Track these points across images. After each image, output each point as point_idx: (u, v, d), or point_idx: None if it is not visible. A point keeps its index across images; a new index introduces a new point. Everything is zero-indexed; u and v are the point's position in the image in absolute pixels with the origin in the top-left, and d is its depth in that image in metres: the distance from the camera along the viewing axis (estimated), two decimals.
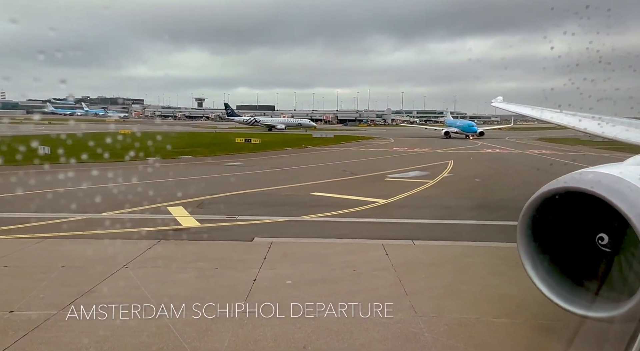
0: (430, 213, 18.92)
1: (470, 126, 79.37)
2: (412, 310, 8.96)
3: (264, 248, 13.16)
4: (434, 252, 13.30)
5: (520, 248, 7.20)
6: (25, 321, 8.25)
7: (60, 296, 9.39)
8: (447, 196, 23.26)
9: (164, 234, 14.79)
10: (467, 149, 55.09)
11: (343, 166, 36.46)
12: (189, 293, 9.79)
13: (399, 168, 34.44)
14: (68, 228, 15.23)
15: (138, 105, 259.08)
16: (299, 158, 43.36)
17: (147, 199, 20.35)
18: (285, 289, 10.02)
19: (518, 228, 7.21)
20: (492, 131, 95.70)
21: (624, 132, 13.92)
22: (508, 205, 20.32)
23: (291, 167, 35.43)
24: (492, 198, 22.95)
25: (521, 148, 61.10)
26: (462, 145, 63.32)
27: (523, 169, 37.61)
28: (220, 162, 38.96)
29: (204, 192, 22.06)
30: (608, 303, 6.30)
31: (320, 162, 39.84)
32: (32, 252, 12.55)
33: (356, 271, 11.32)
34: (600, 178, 6.45)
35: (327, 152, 50.29)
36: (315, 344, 7.67)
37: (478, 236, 15.03)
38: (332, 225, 16.64)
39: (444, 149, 55.66)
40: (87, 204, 19.26)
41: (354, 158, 43.25)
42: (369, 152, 51.23)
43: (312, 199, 21.49)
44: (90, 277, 10.56)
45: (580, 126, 15.47)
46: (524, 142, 76.66)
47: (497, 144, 68.12)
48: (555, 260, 7.08)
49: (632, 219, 5.73)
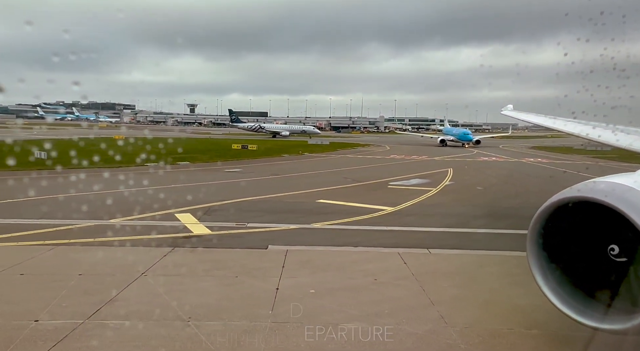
0: (440, 221, 18.92)
1: (466, 134, 79.76)
2: (443, 321, 8.91)
3: (281, 256, 13.08)
4: (452, 261, 13.29)
5: (530, 258, 7.11)
6: (52, 330, 8.10)
7: (84, 305, 9.24)
8: (452, 204, 23.29)
9: (176, 242, 14.66)
10: (464, 158, 55.38)
11: (344, 173, 36.43)
12: (213, 302, 9.68)
13: (399, 176, 34.48)
14: (78, 235, 15.06)
15: (129, 110, 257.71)
16: (298, 165, 43.28)
17: (153, 206, 20.17)
18: (310, 299, 9.93)
19: (528, 237, 7.11)
20: (487, 139, 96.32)
21: (638, 141, 14.05)
22: (516, 214, 20.39)
23: (292, 174, 35.35)
24: (497, 206, 23.01)
25: (517, 156, 61.50)
26: (459, 153, 63.65)
27: (522, 177, 37.88)
28: (219, 168, 38.79)
29: (209, 199, 21.91)
30: (620, 315, 6.20)
31: (319, 169, 39.79)
32: (46, 259, 12.36)
33: (377, 280, 11.27)
34: (613, 188, 6.38)
35: (325, 160, 50.26)
36: None
37: (492, 244, 15.05)
38: (344, 233, 16.58)
39: (441, 157, 55.91)
40: (93, 211, 19.05)
41: (353, 165, 43.26)
42: (366, 159, 51.28)
43: (319, 207, 21.42)
44: (110, 285, 10.41)
45: (594, 134, 15.50)
46: (518, 150, 77.22)
47: (492, 152, 68.57)
48: (566, 270, 6.99)
49: None
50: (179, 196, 23.61)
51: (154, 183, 27.79)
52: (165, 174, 34.65)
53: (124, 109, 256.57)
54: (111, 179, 30.95)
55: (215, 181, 30.56)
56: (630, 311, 6.08)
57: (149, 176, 33.31)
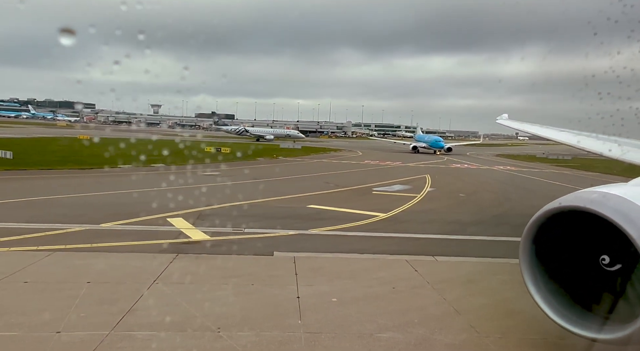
0: (436, 228, 19.08)
1: (437, 141, 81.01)
2: (474, 331, 8.92)
3: (289, 263, 12.87)
4: (461, 268, 13.38)
5: (523, 266, 7.17)
6: (79, 342, 7.67)
7: (103, 315, 8.81)
8: (442, 211, 23.58)
9: (178, 248, 14.22)
10: (437, 164, 56.27)
11: (324, 178, 36.37)
12: (237, 311, 9.39)
13: (380, 182, 34.68)
14: (72, 240, 14.43)
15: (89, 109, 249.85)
16: (276, 169, 42.91)
17: (142, 210, 19.53)
18: (335, 308, 9.77)
19: (521, 245, 7.16)
20: (458, 146, 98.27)
21: (629, 153, 14.51)
22: (507, 221, 20.82)
23: (273, 179, 35.01)
24: (486, 214, 23.41)
25: (487, 164, 62.96)
26: (431, 160, 64.63)
27: (498, 185, 38.69)
28: (196, 171, 38.00)
29: (198, 203, 21.32)
30: (611, 326, 6.25)
31: (299, 173, 39.60)
32: (46, 266, 11.73)
33: (396, 289, 11.21)
34: (605, 198, 6.41)
35: (302, 164, 50.10)
36: None
37: (495, 252, 15.24)
38: (344, 239, 16.49)
39: (415, 163, 56.64)
40: (80, 215, 18.37)
41: (331, 170, 43.24)
42: (342, 164, 51.38)
43: (311, 212, 21.26)
44: (124, 294, 9.99)
45: (587, 145, 15.96)
46: (486, 158, 79.15)
47: (462, 159, 69.96)
48: (558, 280, 7.04)
49: (636, 241, 5.72)
50: (165, 199, 22.91)
51: (134, 186, 26.92)
52: (141, 177, 33.74)
53: (83, 108, 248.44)
54: (88, 181, 29.96)
55: (195, 184, 29.90)
56: (621, 321, 6.13)
57: (126, 178, 32.45)
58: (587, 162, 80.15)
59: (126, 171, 37.41)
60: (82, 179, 31.48)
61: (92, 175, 33.09)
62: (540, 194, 33.02)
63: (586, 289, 6.83)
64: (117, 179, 31.66)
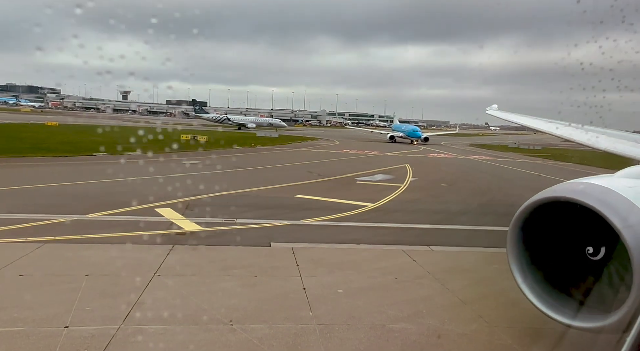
0: (425, 217, 19.26)
1: (415, 131, 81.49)
2: (483, 320, 9.06)
3: (288, 254, 12.81)
4: (457, 258, 13.57)
5: (510, 256, 7.26)
6: (89, 337, 7.47)
7: (110, 309, 8.60)
8: (428, 200, 23.84)
9: (172, 239, 13.99)
10: (415, 154, 56.76)
11: (306, 168, 36.26)
12: (246, 303, 9.29)
13: (362, 171, 34.77)
14: (60, 231, 14.01)
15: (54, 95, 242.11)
16: (256, 158, 42.59)
17: (128, 199, 19.10)
18: (342, 300, 9.78)
19: (508, 235, 7.25)
20: (434, 136, 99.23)
21: (616, 144, 14.88)
22: (493, 210, 21.20)
23: (255, 168, 34.72)
24: (471, 203, 23.74)
25: (463, 154, 63.85)
26: (408, 149, 65.14)
27: (477, 174, 39.28)
28: (176, 160, 37.29)
29: (183, 193, 20.98)
30: (595, 314, 6.33)
31: (280, 163, 39.36)
32: (39, 258, 11.37)
33: (398, 279, 11.29)
34: (591, 189, 6.52)
35: (281, 153, 49.84)
36: None
37: (487, 241, 15.48)
38: (337, 229, 16.48)
39: (393, 153, 57.01)
40: (63, 205, 17.87)
41: (311, 160, 43.11)
42: (321, 154, 51.29)
43: (300, 202, 21.18)
44: (126, 287, 9.79)
45: (576, 136, 16.21)
46: (460, 148, 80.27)
47: (438, 149, 70.79)
48: (544, 269, 7.13)
49: (621, 231, 5.80)
50: (148, 189, 22.49)
51: (113, 175, 26.33)
52: (119, 166, 32.95)
53: (47, 94, 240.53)
54: (65, 170, 29.07)
55: (178, 173, 29.40)
56: (605, 309, 6.23)
57: (103, 167, 31.62)
58: (557, 152, 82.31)
59: (102, 159, 36.50)
60: (58, 167, 30.53)
61: (67, 163, 32.12)
62: (518, 184, 33.75)
63: (572, 278, 6.93)
64: (95, 168, 30.84)
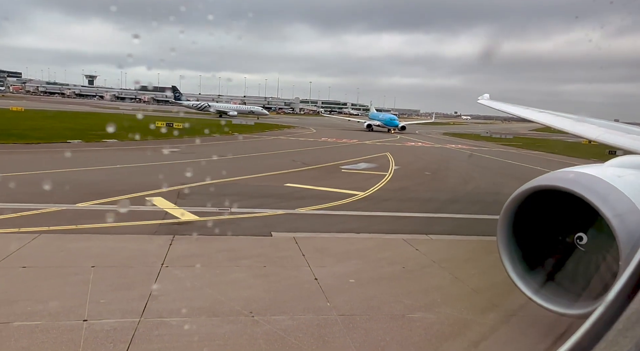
0: (416, 206, 19.43)
1: (392, 119, 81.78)
2: (498, 309, 9.23)
3: (291, 244, 12.76)
4: (458, 247, 13.76)
5: (500, 245, 7.30)
6: (112, 331, 7.30)
7: (125, 301, 8.42)
8: (415, 189, 24.08)
9: (171, 229, 13.75)
10: (393, 142, 57.13)
11: (289, 156, 36.12)
12: (262, 294, 9.23)
13: (345, 160, 34.81)
14: (52, 222, 13.60)
15: (15, 79, 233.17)
16: (236, 146, 42.11)
17: (116, 188, 18.70)
18: (356, 290, 9.81)
19: (499, 223, 7.27)
20: (412, 125, 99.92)
21: (605, 134, 15.27)
22: (480, 199, 21.54)
23: (237, 156, 34.25)
24: (457, 192, 24.07)
25: (439, 142, 64.63)
26: (386, 138, 65.45)
27: (458, 163, 39.80)
28: (155, 148, 36.65)
29: (173, 181, 20.59)
30: (584, 301, 6.40)
31: (261, 151, 38.99)
32: (39, 249, 11.02)
33: (406, 269, 11.38)
34: (581, 178, 6.59)
35: (260, 141, 49.39)
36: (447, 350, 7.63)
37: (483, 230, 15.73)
38: (333, 218, 16.47)
39: (372, 141, 57.22)
40: (49, 194, 17.26)
41: (292, 148, 42.91)
42: (300, 142, 51.07)
43: (291, 191, 21.08)
44: (136, 278, 9.62)
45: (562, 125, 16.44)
46: (435, 136, 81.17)
47: (415, 138, 71.35)
48: (534, 258, 7.20)
49: (610, 220, 5.88)
50: (134, 177, 22.09)
51: (94, 163, 25.65)
52: (96, 153, 32.20)
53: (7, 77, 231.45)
54: (41, 158, 28.09)
55: (161, 161, 28.92)
56: (594, 297, 6.33)
57: (81, 154, 30.77)
58: (528, 141, 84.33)
59: (78, 146, 35.53)
60: (33, 155, 29.51)
61: (42, 151, 31.06)
62: (498, 173, 34.44)
63: (561, 267, 7.02)
64: (73, 156, 29.93)
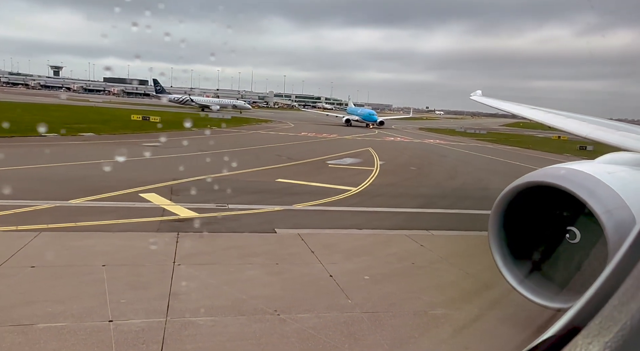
0: (410, 202, 19.63)
1: (371, 114, 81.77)
2: (516, 304, 9.35)
3: (297, 240, 12.74)
4: (461, 243, 13.98)
5: (491, 240, 7.43)
6: (141, 331, 7.18)
7: (146, 301, 8.30)
8: (405, 185, 24.31)
9: (172, 226, 13.54)
10: (373, 138, 57.33)
11: (273, 151, 35.93)
12: (281, 292, 9.20)
13: (330, 155, 34.79)
14: (49, 219, 13.20)
15: None
16: (218, 141, 41.55)
17: (104, 184, 18.22)
18: (373, 286, 9.87)
19: (490, 220, 7.42)
20: (389, 120, 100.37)
21: (596, 131, 15.70)
22: (470, 195, 21.91)
23: (221, 151, 33.89)
24: (446, 188, 24.38)
25: (417, 138, 65.20)
26: (365, 133, 65.58)
27: (439, 158, 40.14)
28: (134, 142, 35.98)
29: (162, 177, 20.21)
30: (573, 295, 6.45)
31: (244, 146, 38.55)
32: (42, 248, 10.71)
33: (416, 265, 11.51)
34: (572, 175, 6.74)
35: (240, 136, 48.91)
36: (475, 347, 7.74)
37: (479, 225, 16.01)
38: (332, 215, 16.48)
39: (351, 136, 57.33)
40: (38, 190, 16.81)
41: (274, 143, 42.63)
42: (281, 137, 50.78)
43: (284, 187, 20.98)
44: (151, 277, 9.47)
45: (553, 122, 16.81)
46: (412, 131, 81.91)
47: (393, 133, 71.81)
48: (524, 253, 7.35)
49: (600, 216, 6.03)
50: (124, 173, 21.56)
51: (77, 158, 25.04)
52: (76, 147, 31.41)
53: None
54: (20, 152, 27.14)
55: (145, 156, 28.31)
56: (582, 291, 6.60)
57: (61, 148, 29.94)
58: (502, 136, 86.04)
59: (56, 140, 34.58)
60: (9, 149, 28.48)
61: (17, 145, 29.99)
62: (481, 168, 35.04)
63: (551, 262, 7.20)
64: (53, 150, 29.05)
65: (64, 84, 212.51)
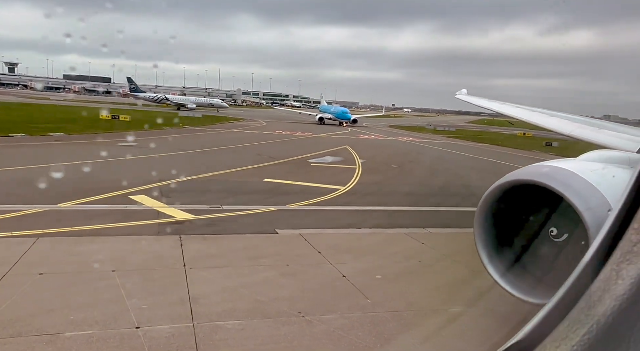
0: (400, 200, 19.88)
1: (344, 113, 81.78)
2: None
3: (301, 241, 12.73)
4: (458, 240, 14.12)
5: (477, 238, 7.47)
6: (171, 337, 7.08)
7: (167, 306, 8.17)
8: (390, 183, 24.58)
9: (172, 229, 13.29)
10: (347, 136, 57.55)
11: (252, 150, 35.68)
12: (300, 294, 9.22)
13: (309, 153, 34.74)
14: (42, 224, 12.73)
15: None
16: (195, 140, 40.94)
17: (89, 187, 17.67)
18: (387, 285, 9.97)
19: (475, 217, 7.45)
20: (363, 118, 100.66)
21: (579, 129, 16.23)
22: (456, 192, 22.32)
23: (201, 150, 33.35)
24: (431, 185, 24.70)
25: (390, 136, 65.78)
26: (339, 131, 65.64)
27: (417, 156, 40.51)
28: (107, 142, 34.88)
29: (148, 179, 19.63)
30: (553, 292, 6.88)
31: (222, 145, 38.05)
32: (46, 254, 10.41)
33: (423, 263, 11.67)
34: (556, 173, 6.84)
35: (215, 134, 48.34)
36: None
37: None
38: (328, 214, 16.51)
39: (326, 134, 57.33)
40: (22, 194, 16.18)
41: (251, 142, 42.21)
42: (257, 135, 50.27)
43: (273, 186, 20.88)
44: (166, 281, 9.35)
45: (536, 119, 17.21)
46: (384, 129, 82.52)
47: (366, 131, 72.16)
48: (509, 250, 7.44)
49: (582, 213, 6.13)
50: (107, 175, 21.02)
51: (51, 159, 24.16)
52: (49, 148, 30.35)
53: None
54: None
55: (123, 157, 27.53)
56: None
57: (33, 150, 28.95)
58: (471, 133, 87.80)
59: (24, 141, 33.23)
60: None
61: None
62: (459, 165, 35.65)
63: (535, 259, 7.30)
64: (23, 151, 28.06)
65: (20, 82, 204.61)
